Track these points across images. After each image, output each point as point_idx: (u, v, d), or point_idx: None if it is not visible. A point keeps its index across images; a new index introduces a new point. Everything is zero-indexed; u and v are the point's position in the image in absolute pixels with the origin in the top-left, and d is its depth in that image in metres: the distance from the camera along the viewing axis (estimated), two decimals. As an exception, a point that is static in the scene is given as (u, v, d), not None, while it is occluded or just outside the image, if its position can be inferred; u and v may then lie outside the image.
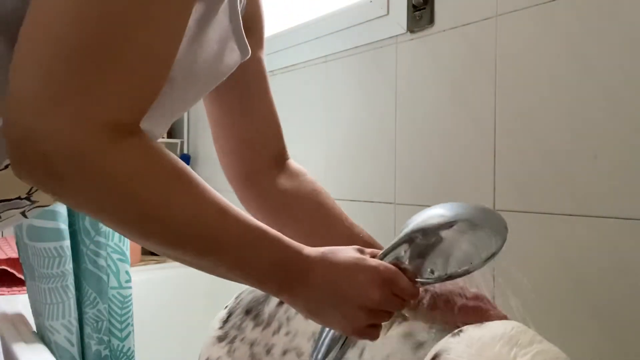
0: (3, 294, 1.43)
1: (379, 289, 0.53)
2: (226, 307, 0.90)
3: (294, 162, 0.79)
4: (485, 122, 1.03)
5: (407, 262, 0.56)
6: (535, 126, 0.95)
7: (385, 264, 0.56)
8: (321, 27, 1.45)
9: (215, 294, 0.95)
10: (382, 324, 0.57)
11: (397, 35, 1.22)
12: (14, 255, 1.48)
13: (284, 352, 0.78)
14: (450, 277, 0.54)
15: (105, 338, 1.27)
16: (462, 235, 0.54)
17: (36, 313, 1.22)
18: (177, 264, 1.74)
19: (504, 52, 1.00)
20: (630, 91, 0.82)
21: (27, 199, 0.57)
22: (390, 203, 1.24)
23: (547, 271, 0.91)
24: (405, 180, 1.21)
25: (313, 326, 0.73)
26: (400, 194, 1.22)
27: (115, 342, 1.28)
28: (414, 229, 0.56)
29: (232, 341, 0.83)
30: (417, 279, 0.56)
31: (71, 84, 0.39)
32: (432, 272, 0.55)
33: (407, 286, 0.55)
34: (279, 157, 0.77)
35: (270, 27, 1.70)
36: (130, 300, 1.31)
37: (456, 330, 0.50)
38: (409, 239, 0.56)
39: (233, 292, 0.96)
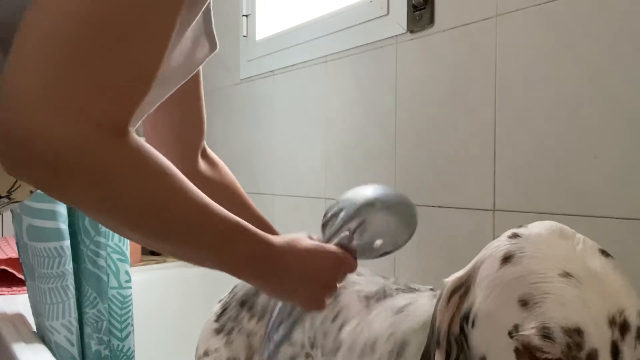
0: (3, 294, 1.43)
1: (338, 271, 0.65)
2: (220, 301, 0.91)
3: (211, 152, 0.92)
4: (485, 121, 1.03)
5: (348, 243, 0.66)
6: (535, 126, 0.95)
7: (339, 249, 0.66)
8: (321, 27, 1.45)
9: (215, 294, 0.96)
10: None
11: (397, 35, 1.22)
12: (14, 255, 1.48)
13: None
14: (379, 256, 0.67)
15: (105, 338, 1.27)
16: (381, 216, 0.65)
17: (36, 313, 1.22)
18: (176, 264, 1.73)
19: (504, 52, 1.00)
20: (630, 91, 0.82)
21: (7, 197, 0.58)
22: (390, 203, 1.24)
23: (547, 271, 0.91)
24: (405, 180, 1.21)
25: None
26: (400, 194, 1.22)
27: (115, 342, 1.29)
28: (348, 217, 0.66)
29: (229, 333, 0.86)
30: (356, 257, 0.67)
31: (71, 86, 0.40)
32: (363, 251, 0.66)
33: (355, 264, 0.66)
34: (203, 149, 0.90)
35: (271, 27, 1.70)
36: (130, 300, 1.31)
37: (510, 233, 0.51)
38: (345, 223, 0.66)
39: (233, 292, 0.96)
